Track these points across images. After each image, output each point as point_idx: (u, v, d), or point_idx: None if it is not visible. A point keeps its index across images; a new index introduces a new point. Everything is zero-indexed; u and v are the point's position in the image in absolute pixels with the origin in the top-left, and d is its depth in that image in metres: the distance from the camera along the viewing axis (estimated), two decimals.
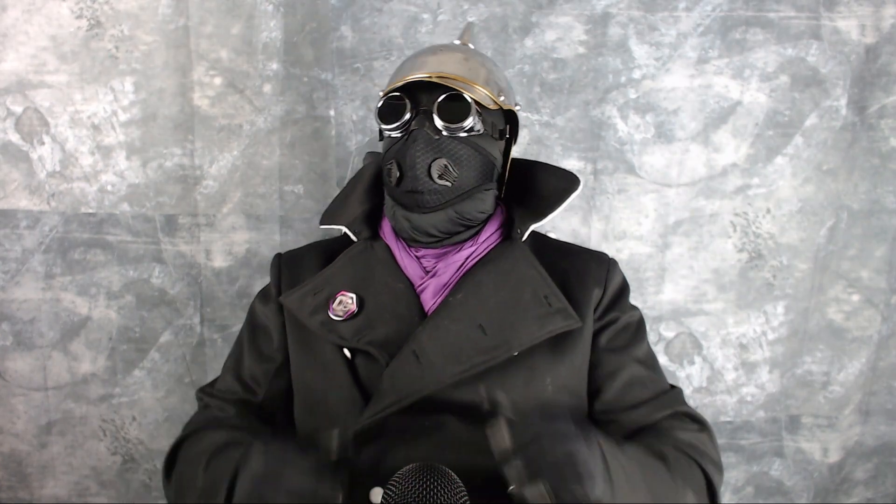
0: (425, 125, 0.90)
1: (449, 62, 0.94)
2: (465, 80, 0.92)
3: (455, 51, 0.98)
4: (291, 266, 1.03)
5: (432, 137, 0.90)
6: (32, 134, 1.32)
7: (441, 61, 0.94)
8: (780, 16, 1.32)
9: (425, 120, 0.90)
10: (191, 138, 1.33)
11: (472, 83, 0.92)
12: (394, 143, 0.93)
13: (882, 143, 1.37)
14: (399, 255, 0.97)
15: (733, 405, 1.48)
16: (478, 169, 0.93)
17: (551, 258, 0.96)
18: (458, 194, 0.92)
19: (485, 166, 0.94)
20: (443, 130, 0.90)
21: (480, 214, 0.95)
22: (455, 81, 0.91)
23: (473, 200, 0.93)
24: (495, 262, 0.94)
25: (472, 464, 0.81)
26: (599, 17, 1.31)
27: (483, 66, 0.97)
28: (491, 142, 0.95)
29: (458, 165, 0.91)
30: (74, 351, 1.41)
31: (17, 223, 1.35)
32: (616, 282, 0.97)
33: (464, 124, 0.90)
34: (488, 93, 0.93)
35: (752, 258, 1.41)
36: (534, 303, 0.90)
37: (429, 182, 0.90)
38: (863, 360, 1.48)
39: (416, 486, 0.66)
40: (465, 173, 0.92)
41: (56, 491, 1.47)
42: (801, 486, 1.54)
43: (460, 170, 0.91)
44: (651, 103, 1.34)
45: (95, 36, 1.29)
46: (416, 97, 0.91)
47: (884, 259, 1.43)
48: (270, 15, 1.29)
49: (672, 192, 1.38)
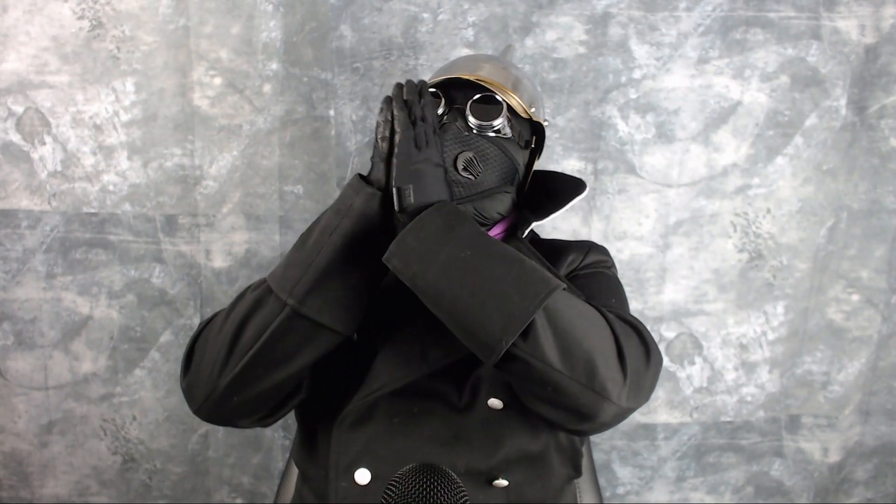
0: (457, 120, 0.93)
1: (488, 68, 0.99)
2: (500, 85, 0.96)
3: (496, 60, 1.03)
4: None
5: (462, 132, 0.93)
6: (34, 134, 1.32)
7: (481, 66, 0.99)
8: (780, 16, 1.32)
9: (457, 116, 0.93)
10: (191, 138, 1.33)
11: (506, 90, 0.96)
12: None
13: (882, 143, 1.37)
14: None
15: (733, 405, 1.48)
16: (501, 169, 0.95)
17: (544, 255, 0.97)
18: (481, 191, 0.93)
19: (508, 169, 0.96)
20: (473, 128, 0.93)
21: (497, 215, 0.97)
22: (491, 85, 0.95)
23: (493, 200, 0.95)
24: None
25: (457, 450, 0.84)
26: (600, 17, 1.31)
27: (519, 78, 1.01)
28: (516, 147, 0.97)
29: (483, 162, 0.93)
30: (75, 350, 1.41)
31: (18, 223, 1.35)
32: (594, 254, 0.99)
33: (493, 123, 0.93)
34: (520, 101, 0.96)
35: (753, 258, 1.41)
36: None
37: (454, 172, 0.91)
38: (863, 360, 1.48)
39: (417, 487, 0.66)
40: (489, 171, 0.93)
41: (56, 490, 1.47)
42: (802, 486, 1.54)
43: (485, 167, 0.93)
44: (651, 103, 1.34)
45: (97, 36, 1.29)
46: (452, 95, 0.95)
47: (884, 259, 1.43)
48: (270, 15, 1.29)
49: (672, 192, 1.38)
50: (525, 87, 1.00)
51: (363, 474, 0.83)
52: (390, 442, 0.84)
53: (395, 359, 0.87)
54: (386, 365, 0.86)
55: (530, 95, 0.99)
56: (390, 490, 0.67)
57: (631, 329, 0.83)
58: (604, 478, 1.50)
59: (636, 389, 0.78)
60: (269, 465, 1.47)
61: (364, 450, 0.85)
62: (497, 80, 0.96)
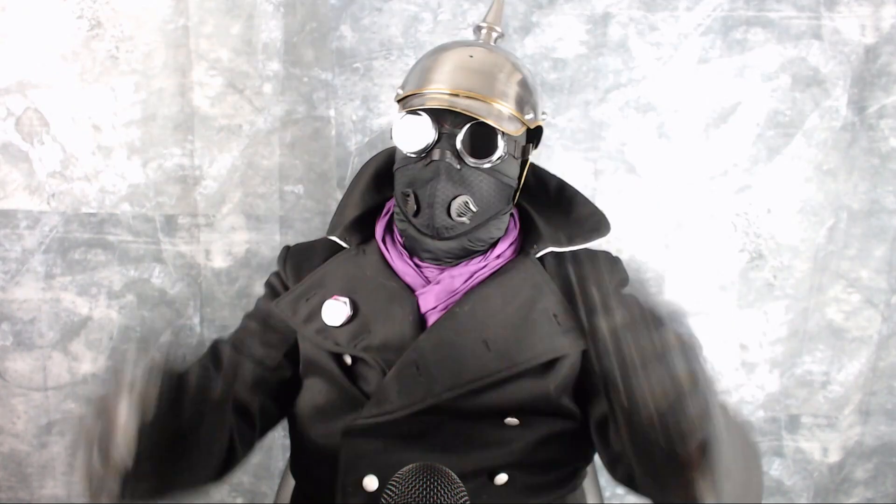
0: (447, 154, 0.84)
1: (477, 76, 0.86)
2: (494, 100, 0.85)
3: (484, 57, 0.89)
4: (295, 262, 1.00)
5: (454, 169, 0.85)
6: (33, 134, 1.32)
7: (468, 74, 0.86)
8: (780, 16, 1.32)
9: (448, 147, 0.84)
10: (190, 138, 1.33)
11: (502, 102, 0.86)
12: (409, 163, 0.88)
13: (882, 143, 1.37)
14: (393, 261, 0.93)
15: (733, 405, 1.48)
16: (497, 198, 0.89)
17: (559, 267, 0.93)
18: (475, 225, 0.88)
19: (505, 193, 0.90)
20: (467, 163, 0.85)
21: (497, 232, 0.92)
22: (484, 106, 0.84)
23: (488, 227, 0.90)
24: (506, 277, 0.90)
25: (469, 457, 0.83)
26: (600, 16, 1.31)
27: (514, 77, 0.89)
28: (512, 163, 0.90)
29: (478, 199, 0.86)
30: (74, 351, 1.41)
31: (17, 223, 1.35)
32: (616, 279, 0.95)
33: (491, 158, 0.85)
34: (517, 114, 0.87)
35: (753, 258, 1.41)
36: (542, 321, 0.87)
37: (447, 220, 0.86)
38: (863, 359, 1.48)
39: (417, 487, 0.66)
40: (484, 206, 0.88)
41: (56, 491, 1.47)
42: (801, 485, 1.54)
43: (480, 203, 0.87)
44: (652, 103, 1.34)
45: (96, 36, 1.28)
46: (440, 117, 0.85)
47: (884, 259, 1.43)
48: (270, 15, 1.29)
49: (672, 192, 1.38)
50: (523, 89, 0.89)
51: (371, 480, 0.83)
52: (401, 451, 0.84)
53: (401, 386, 0.84)
54: (390, 391, 0.84)
55: (529, 100, 0.90)
56: (390, 490, 0.67)
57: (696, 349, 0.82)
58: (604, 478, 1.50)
59: None
60: (269, 464, 1.47)
61: (373, 458, 0.84)
62: (490, 92, 0.85)
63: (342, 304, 0.89)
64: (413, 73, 0.91)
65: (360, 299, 0.90)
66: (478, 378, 0.84)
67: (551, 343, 0.86)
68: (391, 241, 0.96)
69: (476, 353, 0.85)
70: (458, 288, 0.90)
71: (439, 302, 0.89)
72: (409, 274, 0.92)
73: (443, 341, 0.85)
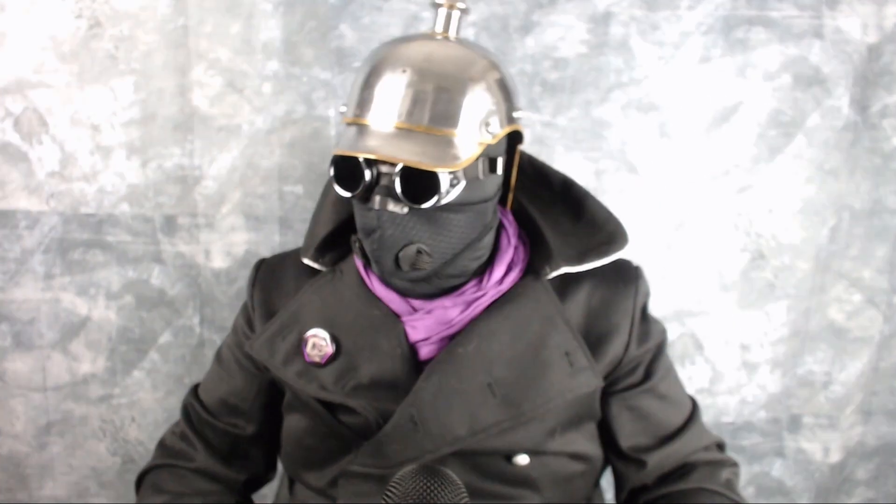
0: (387, 202, 0.72)
1: (413, 101, 0.72)
2: (433, 130, 0.72)
3: (428, 69, 0.74)
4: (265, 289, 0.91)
5: (398, 216, 0.73)
6: (31, 134, 1.31)
7: (404, 99, 0.72)
8: (782, 15, 1.31)
9: (386, 193, 0.72)
10: (190, 138, 1.33)
11: (443, 131, 0.72)
12: (357, 205, 0.78)
13: (884, 142, 1.37)
14: (373, 285, 0.84)
15: (735, 405, 1.48)
16: (466, 228, 0.77)
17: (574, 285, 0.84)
18: (440, 264, 0.78)
19: (473, 220, 0.78)
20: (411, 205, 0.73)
21: (475, 262, 0.81)
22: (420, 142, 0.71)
23: (460, 261, 0.79)
24: (514, 307, 0.81)
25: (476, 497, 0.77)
26: (601, 16, 1.30)
27: (470, 90, 0.74)
28: (479, 184, 0.77)
29: (434, 241, 0.75)
30: (74, 351, 1.41)
31: (16, 223, 1.35)
32: (642, 299, 0.88)
33: (432, 202, 0.72)
34: (471, 137, 0.73)
35: (754, 258, 1.41)
36: (553, 361, 0.79)
37: (398, 272, 0.76)
38: (864, 360, 1.47)
39: (417, 487, 0.65)
40: (444, 244, 0.76)
41: (55, 492, 1.47)
42: (803, 486, 1.54)
43: (438, 244, 0.76)
44: (653, 103, 1.34)
45: (95, 36, 1.28)
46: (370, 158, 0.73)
47: (885, 259, 1.43)
48: (269, 14, 1.29)
49: (674, 191, 1.38)
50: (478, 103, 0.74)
51: None
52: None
53: (398, 444, 0.79)
54: (387, 447, 0.79)
55: (488, 112, 0.75)
56: (390, 490, 0.66)
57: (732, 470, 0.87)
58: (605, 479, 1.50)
59: None
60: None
61: (373, 497, 0.80)
62: (427, 120, 0.71)
63: (322, 340, 0.82)
64: (354, 87, 0.78)
65: (341, 333, 0.82)
66: (481, 430, 0.77)
67: (562, 386, 0.79)
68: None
69: (480, 401, 0.78)
70: (454, 319, 0.81)
71: (432, 334, 0.81)
72: (393, 300, 0.83)
73: (443, 389, 0.78)
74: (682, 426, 0.88)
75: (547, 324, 0.81)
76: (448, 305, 0.81)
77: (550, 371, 0.79)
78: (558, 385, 0.79)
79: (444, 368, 0.78)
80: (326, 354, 0.82)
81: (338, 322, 0.83)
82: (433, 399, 0.78)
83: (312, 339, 0.82)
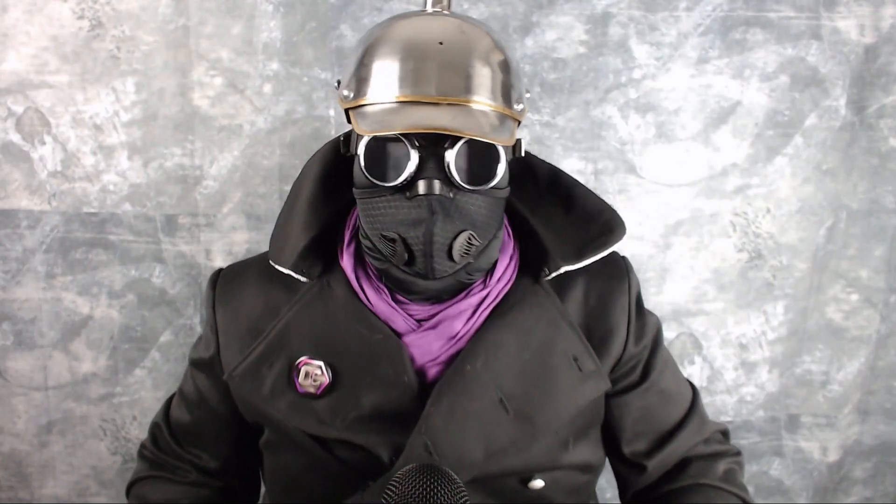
0: (436, 185, 0.65)
1: (455, 71, 0.66)
2: (482, 101, 0.66)
3: (457, 38, 0.68)
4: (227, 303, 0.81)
5: (448, 200, 0.67)
6: (34, 134, 1.32)
7: (444, 69, 0.66)
8: (780, 16, 1.32)
9: (436, 175, 0.65)
10: (191, 138, 1.33)
11: (491, 103, 0.67)
12: (381, 194, 0.69)
13: (881, 142, 1.38)
14: (371, 302, 0.76)
15: (733, 405, 1.48)
16: (495, 217, 0.73)
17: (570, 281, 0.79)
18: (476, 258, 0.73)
19: (501, 207, 0.74)
20: (463, 187, 0.67)
21: (496, 254, 0.76)
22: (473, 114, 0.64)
23: (488, 252, 0.74)
24: (517, 314, 0.76)
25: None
26: (600, 16, 1.31)
27: (497, 61, 0.69)
28: (507, 171, 0.73)
29: (479, 229, 0.70)
30: (75, 350, 1.41)
31: (18, 223, 1.35)
32: (635, 294, 0.85)
33: (495, 181, 0.68)
34: (508, 112, 0.69)
35: (752, 258, 1.42)
36: (562, 368, 0.76)
37: (449, 263, 0.69)
38: (862, 359, 1.48)
39: (417, 487, 0.65)
40: (485, 230, 0.71)
41: (56, 491, 1.47)
42: (801, 485, 1.54)
43: (482, 233, 0.70)
44: (651, 103, 1.34)
45: (97, 36, 1.29)
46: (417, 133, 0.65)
47: (883, 259, 1.43)
48: (270, 15, 1.29)
49: (672, 192, 1.38)
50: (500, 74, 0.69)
51: None
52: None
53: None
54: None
55: (508, 84, 0.70)
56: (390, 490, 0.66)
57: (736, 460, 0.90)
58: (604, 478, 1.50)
59: None
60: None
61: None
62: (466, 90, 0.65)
63: (317, 369, 0.73)
64: (362, 67, 0.70)
65: (337, 359, 0.74)
66: (498, 451, 0.73)
67: (573, 393, 0.76)
68: (363, 274, 0.77)
69: (493, 420, 0.73)
70: (460, 331, 0.75)
71: (439, 353, 0.75)
72: (395, 318, 0.75)
73: (455, 412, 0.72)
74: (682, 420, 0.88)
75: (552, 328, 0.77)
76: (453, 315, 0.75)
77: (560, 378, 0.76)
78: (569, 392, 0.76)
79: (453, 389, 0.73)
80: (322, 384, 0.73)
81: (333, 347, 0.75)
82: (445, 424, 0.72)
83: (305, 366, 0.74)
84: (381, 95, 0.68)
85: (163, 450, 0.90)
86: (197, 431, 0.87)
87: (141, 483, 0.90)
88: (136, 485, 0.90)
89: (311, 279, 0.78)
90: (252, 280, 0.83)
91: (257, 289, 0.81)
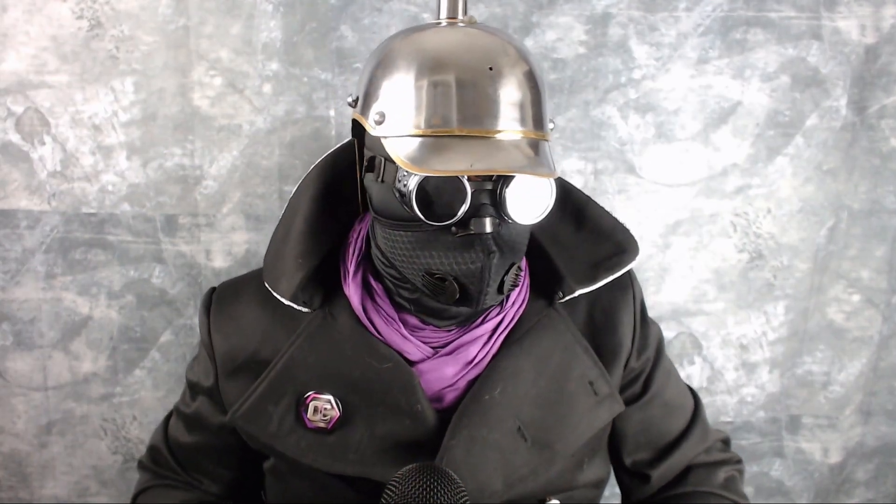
0: (491, 221, 0.63)
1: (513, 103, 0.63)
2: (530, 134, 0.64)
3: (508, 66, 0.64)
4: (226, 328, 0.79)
5: (501, 236, 0.65)
6: (33, 134, 1.32)
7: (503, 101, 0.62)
8: (780, 16, 1.32)
9: (491, 213, 0.64)
10: (191, 138, 1.33)
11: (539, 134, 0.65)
12: (425, 233, 0.66)
13: (882, 143, 1.37)
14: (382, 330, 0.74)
15: (733, 405, 1.48)
16: (526, 241, 0.72)
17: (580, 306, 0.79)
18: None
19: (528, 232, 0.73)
20: (514, 221, 0.65)
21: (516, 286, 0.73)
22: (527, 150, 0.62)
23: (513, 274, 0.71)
24: (533, 340, 0.75)
25: None
26: (599, 17, 1.31)
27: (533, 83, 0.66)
28: None
29: (521, 256, 0.70)
30: (75, 350, 1.41)
31: (17, 223, 1.35)
32: (640, 306, 0.85)
33: (543, 213, 0.67)
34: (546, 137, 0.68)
35: (753, 258, 1.41)
36: (579, 393, 0.76)
37: (499, 296, 0.69)
38: (863, 360, 1.47)
39: (417, 487, 0.65)
40: (521, 258, 0.71)
41: (56, 491, 1.47)
42: (802, 486, 1.54)
43: (521, 259, 0.71)
44: (651, 103, 1.34)
45: (96, 36, 1.29)
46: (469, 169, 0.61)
47: (884, 259, 1.43)
48: (270, 15, 1.29)
49: (672, 192, 1.38)
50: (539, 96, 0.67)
51: None
52: None
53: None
54: None
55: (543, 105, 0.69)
56: (390, 490, 0.66)
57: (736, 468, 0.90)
58: None
59: None
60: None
61: None
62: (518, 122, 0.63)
63: (327, 403, 0.72)
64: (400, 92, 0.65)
65: (347, 392, 0.72)
66: (517, 480, 0.73)
67: (589, 418, 0.76)
68: (371, 305, 0.75)
69: (512, 448, 0.73)
70: (476, 356, 0.74)
71: (457, 378, 0.74)
72: (407, 347, 0.74)
73: (475, 442, 0.71)
74: (684, 431, 0.88)
75: (567, 354, 0.76)
76: (468, 341, 0.74)
77: (577, 404, 0.75)
78: (586, 418, 0.76)
79: (472, 419, 0.72)
80: (333, 418, 0.72)
81: (341, 379, 0.73)
82: (466, 455, 0.71)
83: (313, 401, 0.72)
84: (431, 126, 0.63)
85: (164, 468, 0.91)
86: (197, 456, 0.86)
87: (146, 493, 0.90)
88: (143, 494, 0.90)
89: (312, 309, 0.76)
90: (248, 303, 0.80)
91: (254, 314, 0.79)
